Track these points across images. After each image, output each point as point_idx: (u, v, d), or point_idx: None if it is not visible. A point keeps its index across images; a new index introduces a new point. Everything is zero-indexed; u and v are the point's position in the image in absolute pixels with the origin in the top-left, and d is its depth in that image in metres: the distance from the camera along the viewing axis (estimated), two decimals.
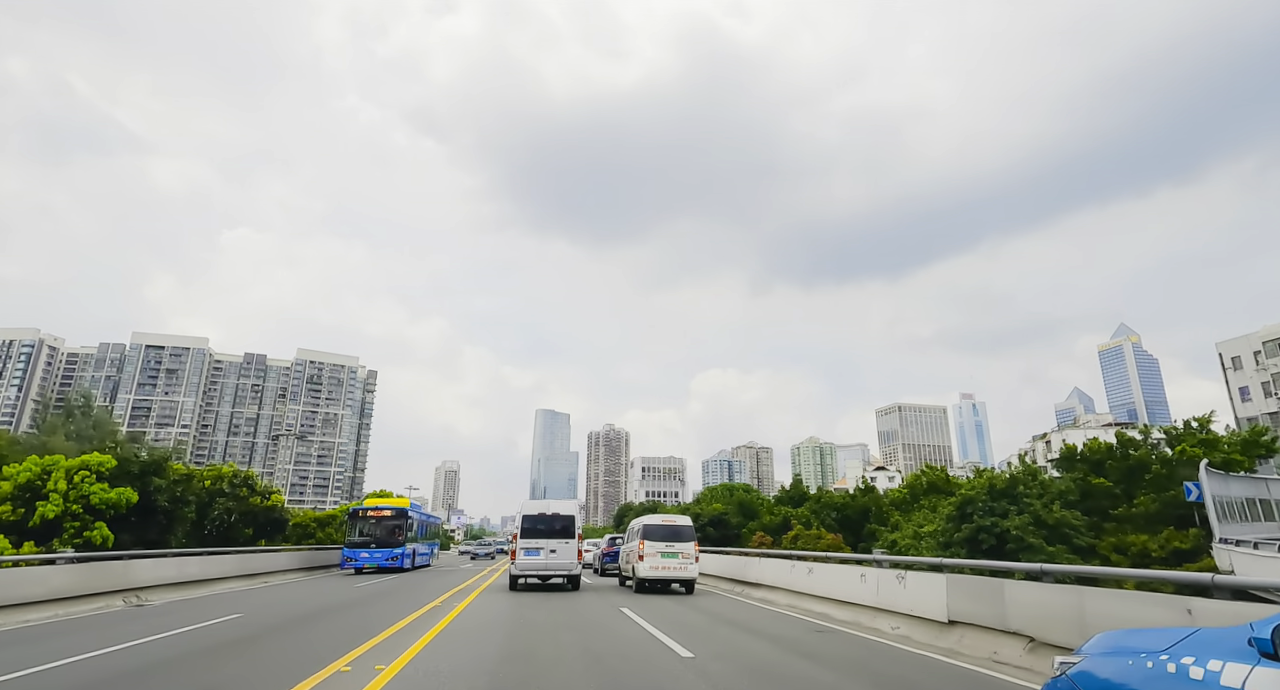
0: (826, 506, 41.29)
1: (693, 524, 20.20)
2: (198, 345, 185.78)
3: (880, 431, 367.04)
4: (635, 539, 19.34)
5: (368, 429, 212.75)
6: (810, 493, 46.89)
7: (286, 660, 8.83)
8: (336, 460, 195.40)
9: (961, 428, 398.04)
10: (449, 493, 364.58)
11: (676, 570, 18.23)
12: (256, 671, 8.16)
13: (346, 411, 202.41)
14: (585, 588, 20.73)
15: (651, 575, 18.22)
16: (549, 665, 8.36)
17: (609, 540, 31.06)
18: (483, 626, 12.21)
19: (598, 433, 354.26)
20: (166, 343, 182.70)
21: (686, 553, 18.47)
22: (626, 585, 20.99)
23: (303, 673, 7.77)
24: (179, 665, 8.63)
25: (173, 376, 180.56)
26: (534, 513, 19.64)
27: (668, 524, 19.35)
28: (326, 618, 13.55)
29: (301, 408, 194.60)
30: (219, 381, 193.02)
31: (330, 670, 7.95)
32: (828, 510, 40.62)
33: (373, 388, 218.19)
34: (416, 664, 8.33)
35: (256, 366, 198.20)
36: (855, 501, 40.46)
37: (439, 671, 7.88)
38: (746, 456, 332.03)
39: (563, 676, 7.72)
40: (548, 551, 19.01)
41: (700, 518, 47.05)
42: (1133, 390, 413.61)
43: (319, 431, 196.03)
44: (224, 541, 27.11)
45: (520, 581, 19.59)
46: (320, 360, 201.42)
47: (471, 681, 7.42)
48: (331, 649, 9.41)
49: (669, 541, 18.56)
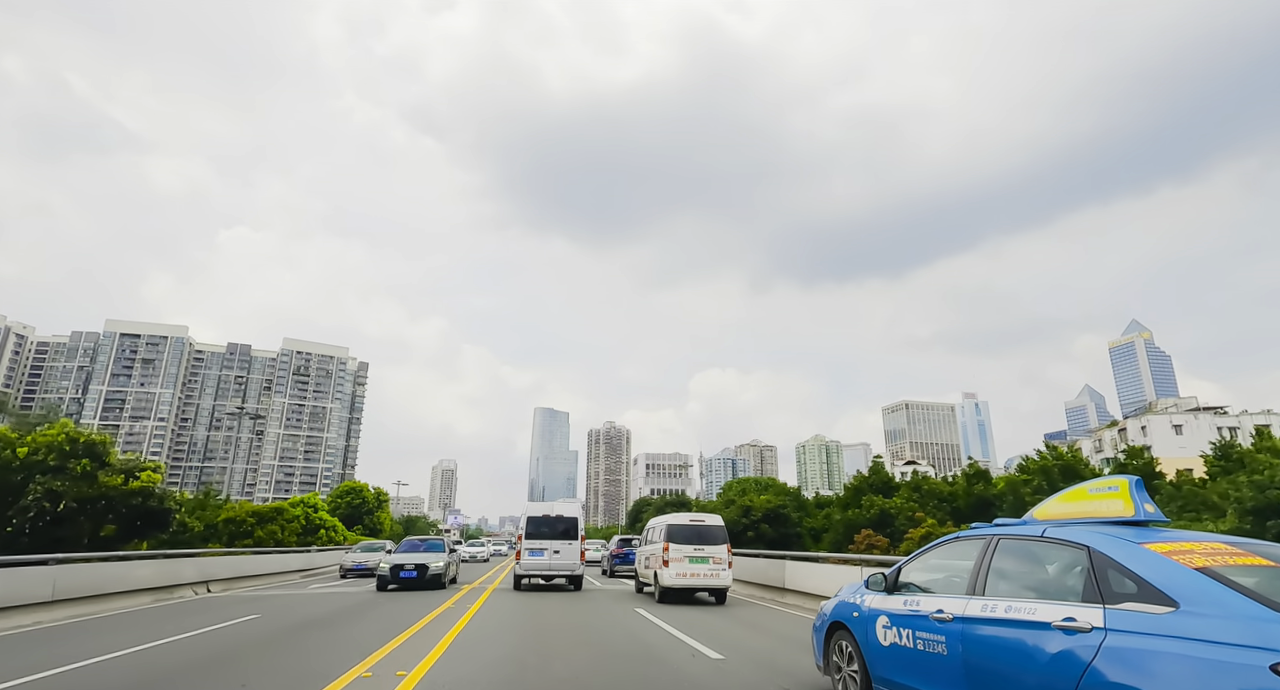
0: (930, 495, 31.43)
1: (724, 523, 17.99)
2: (176, 334, 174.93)
3: (887, 430, 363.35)
4: (657, 541, 17.27)
5: (358, 423, 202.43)
6: (895, 479, 37.06)
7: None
8: (325, 456, 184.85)
9: (964, 427, 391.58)
10: (446, 492, 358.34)
11: (707, 577, 16.25)
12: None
13: (336, 405, 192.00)
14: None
15: (678, 583, 16.18)
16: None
17: (619, 541, 29.65)
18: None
19: (598, 430, 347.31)
20: (142, 330, 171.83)
21: (718, 557, 16.48)
22: (646, 593, 18.66)
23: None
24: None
25: (149, 367, 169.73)
26: (538, 515, 19.77)
27: (696, 523, 17.38)
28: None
29: (287, 401, 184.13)
30: (200, 373, 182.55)
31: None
32: (931, 500, 30.77)
33: (364, 380, 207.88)
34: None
35: (241, 357, 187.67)
36: (968, 491, 30.56)
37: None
38: (750, 455, 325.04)
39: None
40: (551, 552, 19.17)
41: (751, 512, 36.93)
42: (1145, 387, 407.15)
43: (306, 425, 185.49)
44: (51, 545, 16.66)
45: (525, 581, 19.83)
46: (308, 351, 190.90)
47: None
48: None
49: (697, 544, 16.58)
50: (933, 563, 5.39)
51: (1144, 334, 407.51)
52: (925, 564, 5.44)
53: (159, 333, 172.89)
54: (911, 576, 5.45)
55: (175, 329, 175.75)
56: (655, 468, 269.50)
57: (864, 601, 5.73)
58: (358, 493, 55.23)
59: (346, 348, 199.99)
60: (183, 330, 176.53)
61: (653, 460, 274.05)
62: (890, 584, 5.52)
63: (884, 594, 5.53)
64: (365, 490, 55.98)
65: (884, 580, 5.59)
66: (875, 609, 5.51)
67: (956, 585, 4.82)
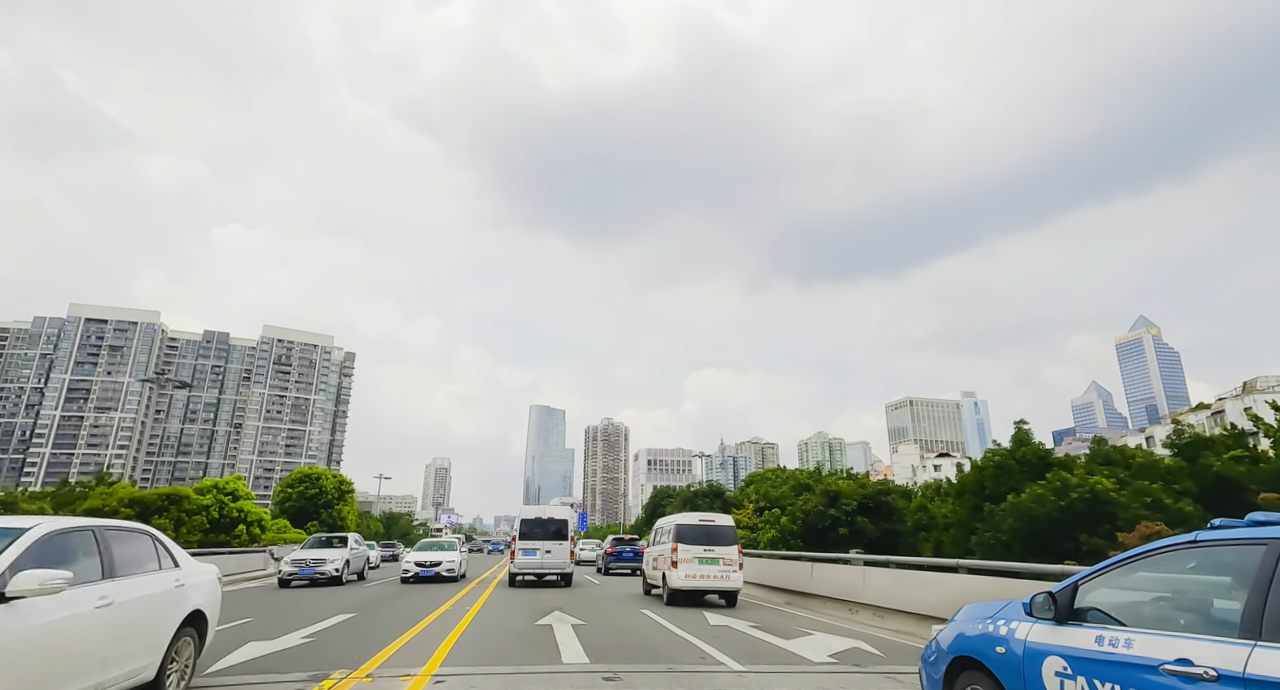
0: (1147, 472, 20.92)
1: (734, 523, 17.15)
2: (147, 320, 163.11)
3: (890, 427, 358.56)
4: (665, 541, 16.59)
5: (344, 417, 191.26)
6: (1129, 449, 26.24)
7: None
8: (308, 451, 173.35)
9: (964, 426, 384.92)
10: (439, 491, 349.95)
11: (717, 579, 15.41)
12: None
13: (319, 397, 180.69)
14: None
15: (686, 585, 15.30)
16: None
17: (613, 541, 30.31)
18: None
19: (595, 427, 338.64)
20: (109, 315, 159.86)
21: (729, 558, 15.64)
22: (654, 594, 17.63)
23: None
24: None
25: (117, 354, 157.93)
26: (531, 517, 20.51)
27: (705, 524, 16.59)
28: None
29: (267, 392, 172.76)
30: (174, 362, 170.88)
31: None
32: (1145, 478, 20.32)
33: (350, 372, 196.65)
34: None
35: (218, 345, 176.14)
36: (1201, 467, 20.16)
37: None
38: (751, 452, 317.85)
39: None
40: (543, 552, 19.89)
41: (840, 501, 26.47)
42: (1153, 384, 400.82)
43: (287, 418, 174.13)
44: None
45: (518, 578, 20.39)
46: (289, 340, 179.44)
47: None
48: None
49: (707, 545, 15.71)
50: (1147, 578, 3.54)
51: (1152, 330, 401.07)
52: (1131, 579, 3.63)
53: (128, 318, 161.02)
54: (1101, 598, 3.67)
55: (146, 314, 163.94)
56: (657, 463, 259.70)
57: (1016, 631, 3.95)
58: (313, 481, 43.83)
59: (331, 336, 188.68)
60: (154, 316, 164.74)
61: (654, 456, 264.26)
62: (1063, 609, 3.73)
63: (1052, 623, 3.76)
64: (325, 478, 44.87)
65: (1052, 603, 3.77)
66: (1041, 646, 3.72)
67: (1205, 618, 3.18)
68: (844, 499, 26.09)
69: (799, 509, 26.90)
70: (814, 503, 26.48)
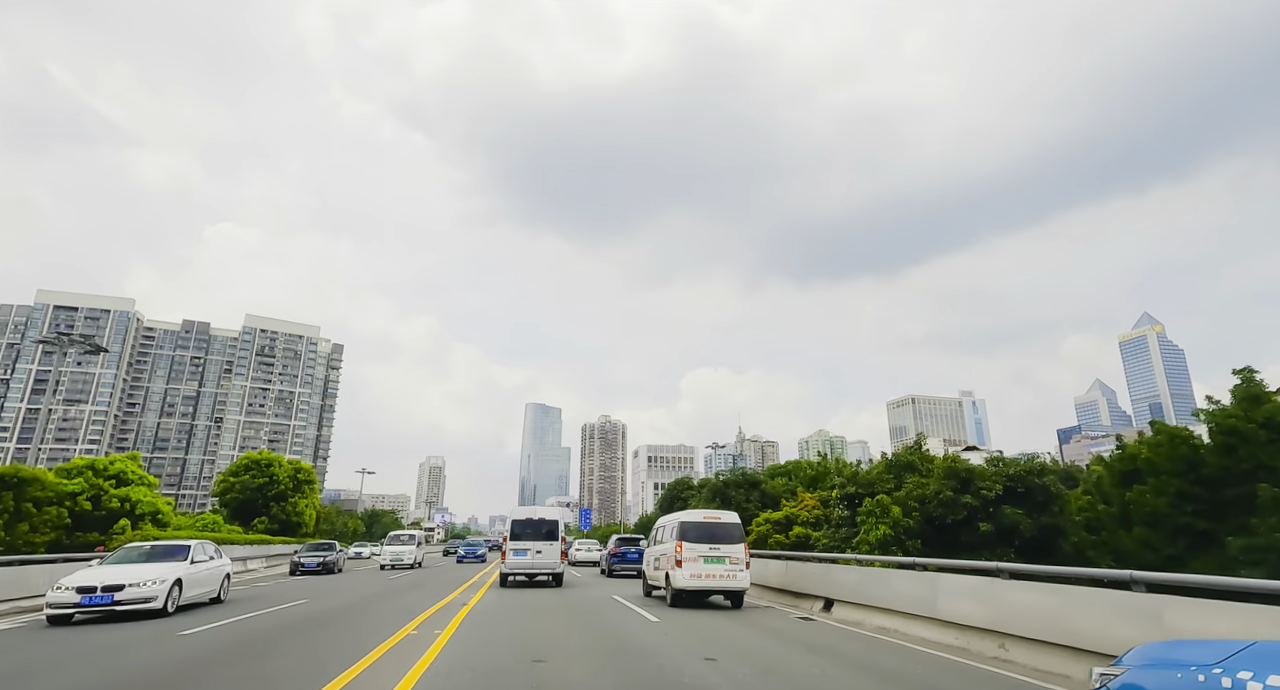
0: None
1: (739, 521, 16.00)
2: (121, 307, 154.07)
3: (892, 426, 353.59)
4: (668, 540, 15.86)
5: (331, 412, 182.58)
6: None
7: None
8: (292, 447, 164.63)
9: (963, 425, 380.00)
10: (433, 490, 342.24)
11: (722, 579, 14.77)
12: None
13: (305, 390, 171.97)
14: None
15: (691, 585, 14.68)
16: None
17: (617, 541, 29.15)
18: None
19: (592, 425, 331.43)
20: (80, 302, 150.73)
21: (735, 557, 14.92)
22: (656, 596, 16.83)
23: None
24: None
25: None
26: (522, 518, 20.83)
27: (711, 521, 15.76)
28: None
29: (249, 384, 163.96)
30: (150, 353, 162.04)
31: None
32: None
33: (338, 364, 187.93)
34: None
35: (198, 335, 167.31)
36: None
37: None
38: (752, 450, 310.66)
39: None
40: (534, 552, 20.14)
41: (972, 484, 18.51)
42: (1157, 382, 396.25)
43: (270, 412, 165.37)
44: None
45: (510, 578, 20.81)
46: (273, 330, 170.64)
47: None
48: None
49: (713, 543, 15.01)
50: None
51: (1156, 327, 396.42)
52: None
53: (100, 305, 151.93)
54: None
55: (120, 302, 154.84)
56: (657, 460, 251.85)
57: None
58: (262, 468, 35.90)
59: (317, 327, 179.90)
60: (128, 303, 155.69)
61: (655, 453, 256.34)
62: None
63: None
64: (278, 465, 36.89)
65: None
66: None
67: None
68: (981, 482, 18.36)
69: (908, 497, 19.13)
70: (933, 487, 18.71)
